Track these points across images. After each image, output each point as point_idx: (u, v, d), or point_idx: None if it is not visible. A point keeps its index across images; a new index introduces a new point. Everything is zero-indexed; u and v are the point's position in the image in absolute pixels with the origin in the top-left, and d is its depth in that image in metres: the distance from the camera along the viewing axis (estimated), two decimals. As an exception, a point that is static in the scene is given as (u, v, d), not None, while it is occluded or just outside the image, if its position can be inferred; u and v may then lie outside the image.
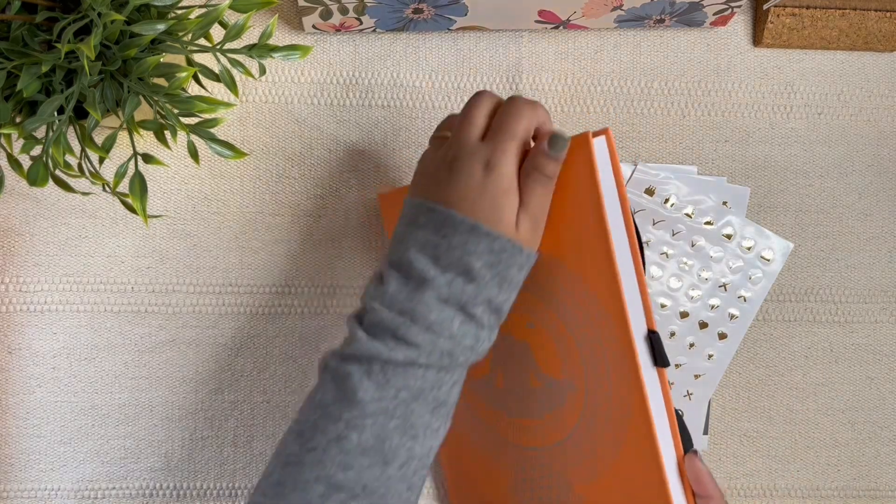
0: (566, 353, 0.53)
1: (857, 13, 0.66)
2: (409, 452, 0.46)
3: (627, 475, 0.50)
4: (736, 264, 0.65)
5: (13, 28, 0.47)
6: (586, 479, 0.53)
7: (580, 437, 0.53)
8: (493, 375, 0.58)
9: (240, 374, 0.64)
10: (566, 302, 0.52)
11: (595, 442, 0.52)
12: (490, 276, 0.47)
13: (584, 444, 0.53)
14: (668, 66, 0.67)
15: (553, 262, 0.52)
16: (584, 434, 0.53)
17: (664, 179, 0.65)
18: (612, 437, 0.51)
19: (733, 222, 0.65)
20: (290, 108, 0.65)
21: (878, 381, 0.68)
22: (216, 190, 0.64)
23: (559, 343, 0.53)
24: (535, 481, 0.56)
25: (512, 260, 0.47)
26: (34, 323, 0.63)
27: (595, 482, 0.52)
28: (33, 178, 0.48)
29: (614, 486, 0.51)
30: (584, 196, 0.50)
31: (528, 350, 0.55)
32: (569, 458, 0.54)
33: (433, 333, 0.46)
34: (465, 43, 0.66)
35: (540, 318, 0.54)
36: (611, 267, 0.49)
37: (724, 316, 0.66)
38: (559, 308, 0.53)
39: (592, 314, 0.51)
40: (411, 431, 0.46)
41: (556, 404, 0.54)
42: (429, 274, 0.46)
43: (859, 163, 0.68)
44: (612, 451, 0.51)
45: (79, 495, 0.63)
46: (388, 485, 0.45)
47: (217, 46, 0.49)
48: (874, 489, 0.67)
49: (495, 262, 0.47)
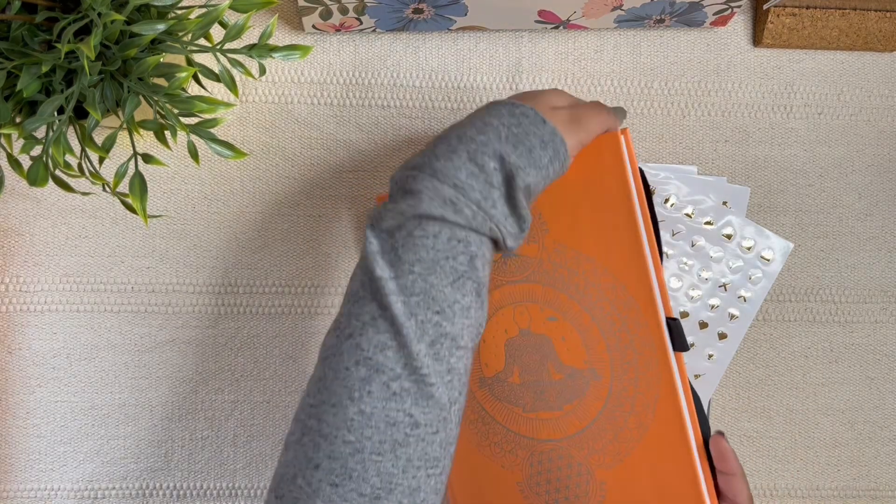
0: (591, 343, 0.55)
1: (857, 13, 0.66)
2: (439, 329, 0.45)
3: (653, 457, 0.53)
4: (736, 264, 0.65)
5: (13, 28, 0.47)
6: (609, 464, 0.55)
7: (603, 425, 0.55)
8: (509, 371, 0.59)
9: (240, 374, 0.64)
10: (591, 293, 0.55)
11: (619, 428, 0.54)
12: (505, 133, 0.47)
13: (608, 430, 0.55)
14: (668, 66, 0.67)
15: (579, 256, 0.55)
16: (607, 421, 0.55)
17: (664, 179, 0.65)
18: (636, 422, 0.53)
19: (733, 222, 0.65)
20: (290, 108, 0.65)
21: (878, 381, 0.68)
22: (216, 190, 0.64)
23: (584, 333, 0.56)
24: (551, 472, 0.58)
25: (532, 127, 0.48)
26: (34, 323, 0.63)
27: (618, 467, 0.54)
28: (33, 178, 0.48)
29: (639, 469, 0.53)
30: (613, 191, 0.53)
31: (549, 343, 0.57)
32: (590, 446, 0.56)
33: (438, 180, 0.45)
34: (465, 43, 0.66)
35: (563, 311, 0.56)
36: (640, 258, 0.53)
37: (724, 316, 0.66)
38: (584, 300, 0.55)
39: (620, 303, 0.54)
40: (434, 307, 0.44)
41: (577, 394, 0.56)
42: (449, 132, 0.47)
43: (859, 163, 0.68)
44: (637, 435, 0.53)
45: (79, 495, 0.63)
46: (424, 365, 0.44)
47: (217, 46, 0.49)
48: (874, 489, 0.67)
49: (514, 123, 0.47)
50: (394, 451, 0.43)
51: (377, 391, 0.43)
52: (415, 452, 0.44)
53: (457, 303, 0.45)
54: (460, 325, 0.45)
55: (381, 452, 0.43)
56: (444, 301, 0.45)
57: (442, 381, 0.45)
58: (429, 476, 0.44)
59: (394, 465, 0.43)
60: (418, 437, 0.44)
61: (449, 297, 0.45)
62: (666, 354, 0.53)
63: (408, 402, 0.44)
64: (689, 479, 0.52)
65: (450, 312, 0.45)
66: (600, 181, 0.54)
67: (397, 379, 0.44)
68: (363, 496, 0.43)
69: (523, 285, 0.58)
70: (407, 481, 0.44)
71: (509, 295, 0.58)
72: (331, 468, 0.43)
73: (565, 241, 0.54)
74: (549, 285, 0.57)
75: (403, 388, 0.44)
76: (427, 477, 0.44)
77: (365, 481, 0.43)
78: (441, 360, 0.45)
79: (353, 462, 0.43)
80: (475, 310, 0.46)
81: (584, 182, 0.54)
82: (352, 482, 0.43)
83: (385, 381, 0.44)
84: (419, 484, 0.44)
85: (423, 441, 0.44)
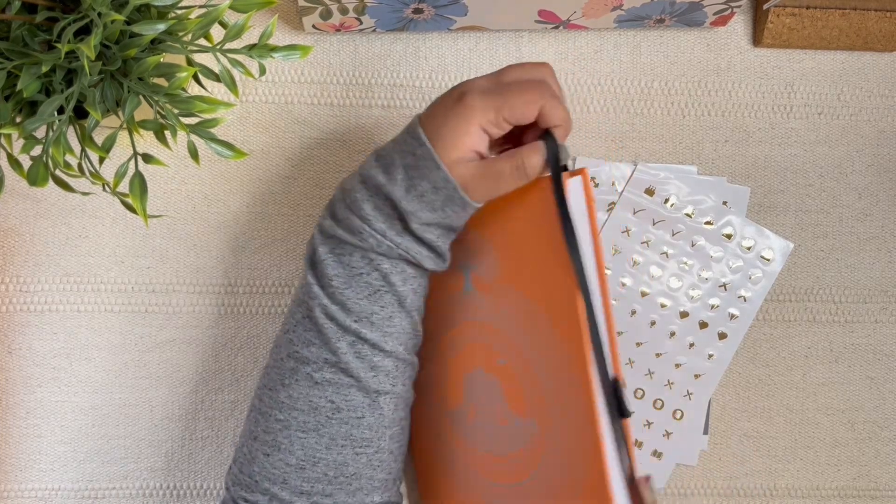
0: (531, 393, 0.52)
1: (857, 13, 0.66)
2: (358, 334, 0.50)
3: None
4: (736, 264, 0.65)
5: (13, 28, 0.47)
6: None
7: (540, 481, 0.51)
8: (466, 409, 0.57)
9: (240, 374, 0.64)
10: (534, 342, 0.51)
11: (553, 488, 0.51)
12: (402, 177, 0.49)
13: (543, 488, 0.51)
14: (668, 66, 0.67)
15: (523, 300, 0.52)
16: (543, 478, 0.51)
17: (664, 179, 0.65)
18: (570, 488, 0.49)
19: (733, 222, 0.65)
20: (290, 108, 0.65)
21: (878, 381, 0.68)
22: (216, 190, 0.64)
23: (525, 383, 0.52)
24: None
25: (427, 172, 0.49)
26: (34, 323, 0.63)
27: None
28: (33, 178, 0.48)
29: None
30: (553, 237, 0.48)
31: (499, 386, 0.54)
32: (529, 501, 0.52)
33: (350, 210, 0.51)
34: (465, 43, 0.66)
35: (510, 356, 0.53)
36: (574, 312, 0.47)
37: (724, 316, 0.66)
38: (527, 347, 0.52)
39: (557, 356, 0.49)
40: (352, 316, 0.50)
41: (519, 444, 0.53)
42: (369, 161, 0.51)
43: (859, 163, 0.68)
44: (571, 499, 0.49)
45: (79, 495, 0.63)
46: (346, 361, 0.50)
47: (217, 46, 0.49)
48: (874, 489, 0.67)
49: (412, 164, 0.49)
50: (317, 431, 0.51)
51: (302, 380, 0.51)
52: (338, 433, 0.51)
53: (374, 314, 0.50)
54: (380, 332, 0.51)
55: (306, 430, 0.51)
56: (360, 312, 0.50)
57: (365, 374, 0.51)
58: (357, 454, 0.51)
59: (317, 441, 0.51)
60: (340, 420, 0.51)
61: (366, 309, 0.50)
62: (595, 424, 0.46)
63: (329, 390, 0.51)
64: None
65: (367, 322, 0.50)
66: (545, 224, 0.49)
67: (319, 370, 0.51)
68: (289, 465, 0.51)
69: (479, 323, 0.55)
70: (331, 456, 0.51)
71: (469, 331, 0.56)
72: (265, 440, 0.52)
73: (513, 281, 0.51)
74: (499, 327, 0.54)
75: (325, 379, 0.51)
76: (355, 455, 0.51)
77: (291, 453, 0.51)
78: (363, 358, 0.51)
79: (282, 437, 0.51)
80: (399, 318, 0.51)
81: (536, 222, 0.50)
82: (280, 453, 0.51)
83: (309, 372, 0.51)
84: (346, 460, 0.51)
85: (347, 424, 0.51)
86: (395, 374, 0.52)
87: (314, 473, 0.51)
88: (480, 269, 0.55)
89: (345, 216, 0.51)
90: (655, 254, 0.65)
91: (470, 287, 0.56)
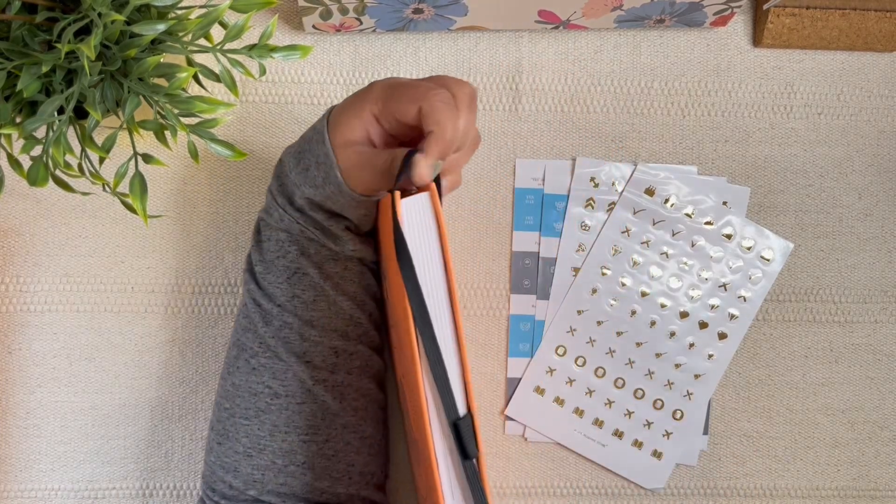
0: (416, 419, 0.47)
1: (857, 13, 0.66)
2: (282, 318, 0.51)
3: None
4: (736, 264, 0.65)
5: (13, 28, 0.47)
6: None
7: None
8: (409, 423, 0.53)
9: (240, 374, 0.64)
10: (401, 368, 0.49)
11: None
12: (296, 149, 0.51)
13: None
14: (668, 66, 0.67)
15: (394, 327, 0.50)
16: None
17: (664, 179, 0.65)
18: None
19: (733, 222, 0.65)
20: (290, 108, 0.65)
21: (878, 381, 0.68)
22: (216, 190, 0.64)
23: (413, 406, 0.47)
24: None
25: (316, 146, 0.49)
26: (34, 323, 0.63)
27: None
28: (33, 178, 0.48)
29: None
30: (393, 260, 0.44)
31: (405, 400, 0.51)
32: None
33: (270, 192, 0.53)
34: (465, 43, 0.66)
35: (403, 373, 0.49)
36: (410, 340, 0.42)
37: (724, 316, 0.66)
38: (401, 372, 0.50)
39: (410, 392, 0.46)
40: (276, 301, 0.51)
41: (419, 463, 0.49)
42: None
43: (859, 163, 0.68)
44: None
45: (79, 495, 0.63)
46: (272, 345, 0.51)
47: (217, 46, 0.49)
48: (874, 489, 0.67)
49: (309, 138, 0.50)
50: (258, 417, 0.51)
51: (242, 366, 0.52)
52: (279, 419, 0.50)
53: (296, 297, 0.51)
54: (305, 317, 0.51)
55: (248, 417, 0.51)
56: (281, 296, 0.51)
57: (297, 360, 0.50)
58: (304, 442, 0.50)
59: (259, 428, 0.51)
60: (280, 406, 0.50)
61: (286, 292, 0.51)
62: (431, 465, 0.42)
63: (265, 375, 0.51)
64: None
65: (290, 306, 0.51)
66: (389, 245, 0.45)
67: (255, 356, 0.51)
68: (237, 454, 0.51)
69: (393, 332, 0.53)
70: (276, 444, 0.50)
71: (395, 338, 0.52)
72: (217, 429, 0.52)
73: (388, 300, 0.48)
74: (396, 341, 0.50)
75: (261, 364, 0.51)
76: (302, 443, 0.50)
77: (237, 441, 0.51)
78: (290, 343, 0.51)
79: (229, 425, 0.52)
80: (325, 303, 0.51)
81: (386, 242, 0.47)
82: (228, 441, 0.51)
83: (246, 358, 0.52)
84: (293, 448, 0.50)
85: (287, 410, 0.50)
86: (334, 361, 0.51)
87: (262, 461, 0.50)
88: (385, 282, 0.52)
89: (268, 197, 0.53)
90: (655, 254, 0.65)
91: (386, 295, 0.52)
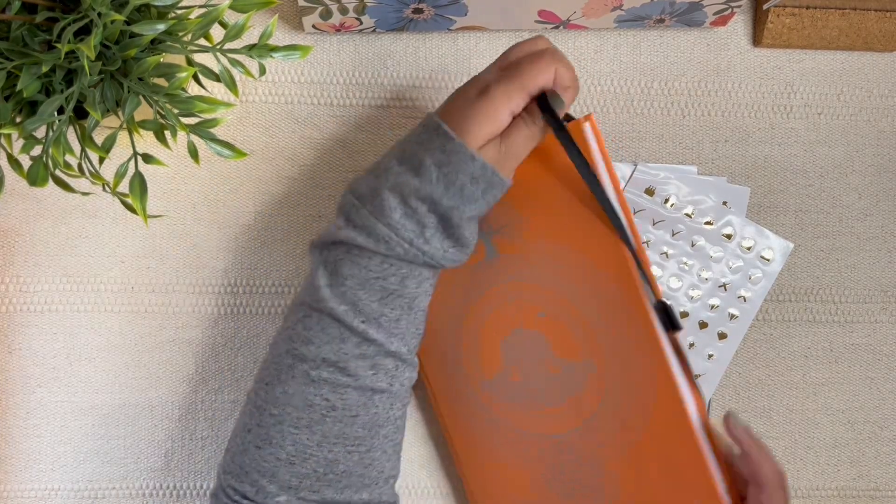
0: (582, 336, 0.56)
1: (857, 13, 0.66)
2: (364, 335, 0.51)
3: (659, 442, 0.54)
4: (736, 264, 0.65)
5: (13, 28, 0.47)
6: (617, 455, 0.56)
7: (606, 415, 0.56)
8: (507, 371, 0.59)
9: (240, 374, 0.64)
10: (577, 286, 0.55)
11: (623, 416, 0.55)
12: (437, 176, 0.49)
13: (612, 420, 0.56)
14: (668, 66, 0.67)
15: (559, 249, 0.56)
16: (611, 411, 0.55)
17: (664, 179, 0.65)
18: (639, 407, 0.54)
19: (733, 222, 0.65)
20: (290, 108, 0.65)
21: (878, 381, 0.68)
22: (216, 190, 0.64)
23: (574, 327, 0.56)
24: (564, 466, 0.58)
25: (462, 165, 0.49)
26: (34, 323, 0.63)
27: (627, 456, 0.55)
28: (33, 178, 0.48)
29: (647, 456, 0.55)
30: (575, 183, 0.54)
31: (542, 339, 0.57)
32: (597, 439, 0.56)
33: (375, 218, 0.50)
34: (465, 43, 0.66)
35: (551, 307, 0.57)
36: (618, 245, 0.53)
37: (724, 316, 0.66)
38: (570, 293, 0.56)
39: (605, 292, 0.54)
40: (360, 317, 0.51)
41: (576, 388, 0.57)
42: (389, 165, 0.51)
43: (859, 163, 0.68)
44: (642, 422, 0.54)
45: (79, 495, 0.63)
46: (346, 359, 0.51)
47: (217, 46, 0.49)
48: (874, 489, 0.67)
49: (444, 161, 0.49)
50: (309, 428, 0.51)
51: (299, 376, 0.51)
52: (331, 431, 0.51)
53: (383, 316, 0.51)
54: (386, 333, 0.51)
55: (298, 427, 0.51)
56: (371, 313, 0.51)
57: (364, 373, 0.51)
58: (349, 453, 0.52)
59: (309, 438, 0.51)
60: (335, 418, 0.51)
61: (376, 311, 0.51)
62: (656, 338, 0.53)
63: (325, 388, 0.51)
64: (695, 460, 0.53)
65: (375, 323, 0.51)
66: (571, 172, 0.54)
67: (317, 369, 0.51)
68: (279, 460, 0.51)
69: (510, 283, 0.58)
70: (322, 454, 0.51)
71: (497, 296, 0.58)
72: (258, 433, 0.52)
73: (545, 235, 0.54)
74: (535, 281, 0.57)
75: (322, 377, 0.51)
76: (347, 453, 0.52)
77: (282, 448, 0.51)
78: (365, 358, 0.51)
79: (274, 431, 0.51)
80: (405, 320, 0.52)
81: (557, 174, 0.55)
82: (271, 447, 0.51)
83: (306, 370, 0.51)
84: (337, 458, 0.51)
85: (341, 422, 0.51)
86: (394, 374, 0.52)
87: (304, 469, 0.51)
88: (504, 232, 0.57)
89: (367, 223, 0.50)
90: (655, 254, 0.65)
91: (493, 253, 0.58)
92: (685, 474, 0.53)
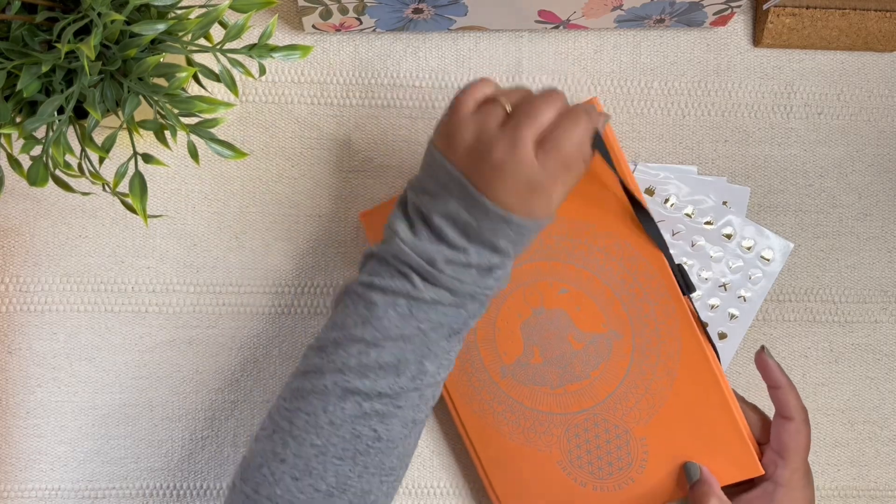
0: (606, 305, 0.59)
1: (857, 13, 0.66)
2: (421, 368, 0.50)
3: (686, 402, 0.57)
4: (736, 264, 0.65)
5: (13, 28, 0.47)
6: (645, 419, 0.58)
7: (633, 381, 0.58)
8: (529, 353, 0.60)
9: (240, 374, 0.64)
10: (598, 257, 0.58)
11: (648, 381, 0.58)
12: (513, 249, 0.51)
13: (638, 386, 0.58)
14: (668, 66, 0.67)
15: (578, 224, 0.58)
16: (636, 377, 0.58)
17: (664, 179, 0.65)
18: (664, 371, 0.57)
19: (733, 222, 0.65)
20: (290, 108, 0.65)
21: (878, 381, 0.68)
22: (216, 190, 0.64)
23: (597, 298, 0.59)
24: (590, 443, 0.59)
25: (533, 234, 0.51)
26: (34, 323, 0.63)
27: (654, 419, 0.58)
28: (33, 178, 0.48)
29: (675, 417, 0.58)
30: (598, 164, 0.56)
31: (565, 315, 0.60)
32: (624, 406, 0.59)
33: (459, 281, 0.50)
34: (465, 43, 0.66)
35: (573, 282, 0.59)
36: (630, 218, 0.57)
37: (724, 316, 0.66)
38: (592, 265, 0.58)
39: (627, 260, 0.57)
40: (426, 354, 0.50)
41: (602, 358, 0.59)
42: (459, 244, 0.50)
43: (859, 163, 0.68)
44: (667, 383, 0.57)
45: (79, 495, 0.63)
46: (400, 392, 0.50)
47: (217, 46, 0.49)
48: (874, 489, 0.67)
49: (518, 239, 0.51)
50: (353, 459, 0.50)
51: (350, 408, 0.49)
52: (372, 462, 0.50)
53: (450, 351, 0.52)
54: (437, 365, 0.51)
55: (343, 458, 0.49)
56: (438, 349, 0.51)
57: (410, 405, 0.51)
58: (382, 482, 0.51)
59: (351, 469, 0.50)
60: (378, 449, 0.50)
61: (445, 347, 0.51)
62: (680, 299, 0.57)
63: (374, 420, 0.50)
64: (725, 415, 0.56)
65: (434, 358, 0.51)
66: None
67: (369, 400, 0.49)
68: (318, 491, 0.49)
69: (528, 265, 0.60)
70: (360, 485, 0.50)
71: (516, 279, 0.60)
72: (295, 464, 0.49)
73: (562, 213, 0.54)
74: (555, 259, 0.59)
75: (374, 409, 0.49)
76: (380, 483, 0.51)
77: (322, 479, 0.49)
78: (418, 389, 0.51)
79: (316, 462, 0.49)
80: (455, 351, 0.53)
81: None
82: (311, 478, 0.49)
83: (359, 401, 0.49)
84: (371, 488, 0.51)
85: (383, 453, 0.50)
86: (431, 403, 0.52)
87: (340, 501, 0.50)
88: None
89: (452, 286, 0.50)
90: (655, 254, 0.65)
91: None
92: (714, 427, 0.57)
